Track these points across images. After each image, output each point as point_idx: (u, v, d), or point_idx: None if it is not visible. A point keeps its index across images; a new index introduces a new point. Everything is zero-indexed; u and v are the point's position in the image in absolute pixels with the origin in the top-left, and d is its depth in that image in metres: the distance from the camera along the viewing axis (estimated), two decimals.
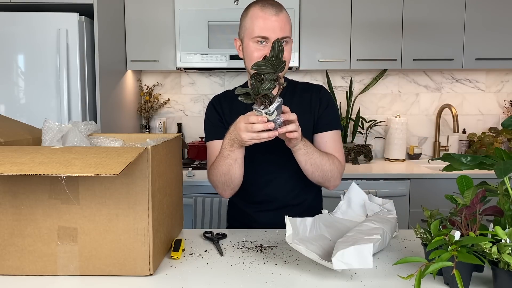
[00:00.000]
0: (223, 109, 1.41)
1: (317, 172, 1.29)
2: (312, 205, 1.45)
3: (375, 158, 2.93)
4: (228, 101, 1.43)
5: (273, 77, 1.04)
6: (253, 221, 1.41)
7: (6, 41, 2.12)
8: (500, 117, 2.96)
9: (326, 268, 0.97)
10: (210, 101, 1.46)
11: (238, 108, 1.34)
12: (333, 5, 2.57)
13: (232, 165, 1.26)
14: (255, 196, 1.42)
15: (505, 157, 0.95)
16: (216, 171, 1.31)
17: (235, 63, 2.52)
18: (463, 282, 0.81)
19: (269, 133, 1.09)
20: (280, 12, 1.27)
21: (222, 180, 1.31)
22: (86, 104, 2.22)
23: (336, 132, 1.40)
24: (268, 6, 1.26)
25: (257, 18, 1.26)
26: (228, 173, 1.28)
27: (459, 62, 2.59)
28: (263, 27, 1.25)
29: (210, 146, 1.42)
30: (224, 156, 1.25)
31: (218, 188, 1.36)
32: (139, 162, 0.92)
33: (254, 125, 1.08)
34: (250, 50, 1.29)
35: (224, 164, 1.27)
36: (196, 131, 2.98)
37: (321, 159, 1.28)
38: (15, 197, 0.94)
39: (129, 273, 0.94)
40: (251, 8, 1.30)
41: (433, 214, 0.97)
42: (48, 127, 1.13)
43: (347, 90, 2.88)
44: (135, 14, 2.58)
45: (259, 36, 1.26)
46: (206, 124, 1.45)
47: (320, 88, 1.44)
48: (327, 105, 1.40)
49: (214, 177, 1.33)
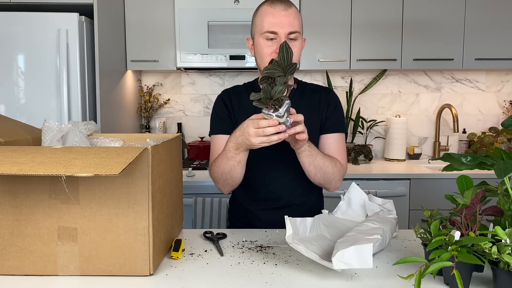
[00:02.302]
0: (232, 104, 1.43)
1: (319, 174, 1.31)
2: (314, 205, 1.47)
3: (375, 158, 2.93)
4: (238, 96, 1.44)
5: (284, 79, 1.04)
6: (256, 219, 1.42)
7: (6, 41, 2.12)
8: (500, 117, 2.96)
9: (326, 268, 0.97)
10: (219, 95, 1.47)
11: (247, 104, 1.35)
12: (333, 5, 2.57)
13: (235, 166, 1.27)
14: (260, 194, 1.43)
15: (505, 157, 0.95)
16: (217, 169, 1.32)
17: (235, 63, 2.53)
18: (463, 282, 0.81)
19: (279, 136, 1.09)
20: (289, 7, 1.29)
21: (223, 178, 1.33)
22: (86, 104, 2.22)
23: (341, 135, 1.43)
24: (277, 2, 1.29)
25: (266, 14, 1.29)
26: (229, 173, 1.30)
27: (459, 62, 2.59)
28: (272, 22, 1.27)
29: (215, 140, 1.42)
30: (228, 157, 1.26)
31: (218, 184, 1.38)
32: (139, 162, 0.92)
33: (265, 129, 1.08)
34: (260, 46, 1.31)
35: (227, 165, 1.28)
36: (196, 131, 2.98)
37: (324, 161, 1.29)
38: (15, 197, 0.94)
39: (129, 273, 0.94)
40: (261, 6, 1.33)
41: (433, 214, 0.97)
42: (48, 127, 1.13)
43: (347, 90, 2.88)
44: (135, 14, 2.58)
45: (268, 31, 1.28)
46: (213, 117, 1.45)
47: (329, 90, 1.47)
48: (335, 107, 1.43)
49: (215, 173, 1.34)
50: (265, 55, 1.29)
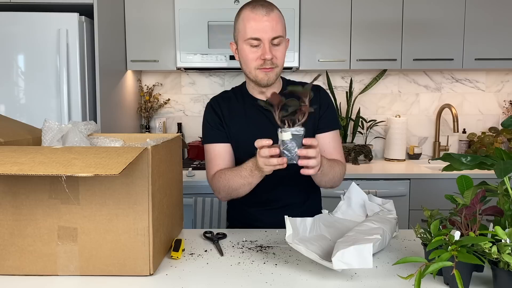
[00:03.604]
0: (222, 111, 1.41)
1: (330, 183, 1.33)
2: (313, 204, 1.47)
3: (375, 158, 2.93)
4: (227, 102, 1.43)
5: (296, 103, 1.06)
6: (255, 220, 1.42)
7: (6, 41, 2.12)
8: (500, 117, 2.96)
9: (326, 268, 0.97)
10: (208, 103, 1.46)
11: (238, 109, 1.35)
12: (333, 5, 2.57)
13: (245, 186, 1.26)
14: (260, 197, 1.41)
15: (505, 157, 0.95)
16: (225, 182, 1.30)
17: (235, 63, 2.52)
18: (463, 282, 0.80)
19: (278, 160, 1.07)
20: (271, 12, 1.27)
21: (228, 191, 1.31)
22: (86, 104, 2.22)
23: (336, 132, 1.43)
24: (258, 7, 1.27)
25: (248, 20, 1.28)
26: (236, 190, 1.29)
27: (459, 62, 2.59)
28: (255, 28, 1.26)
29: (209, 150, 1.41)
30: (242, 176, 1.24)
31: (219, 194, 1.36)
32: (139, 162, 0.92)
33: (270, 160, 1.08)
34: (245, 53, 1.30)
35: (237, 183, 1.26)
36: (196, 131, 2.98)
37: (330, 170, 1.26)
38: (15, 197, 0.94)
39: (129, 273, 0.94)
40: (243, 11, 1.31)
41: (433, 214, 0.97)
42: (48, 127, 1.13)
43: (347, 90, 2.88)
44: (135, 14, 2.58)
45: (251, 37, 1.27)
46: (205, 126, 1.44)
47: (319, 88, 1.44)
48: (327, 106, 1.42)
49: (220, 184, 1.32)
50: (250, 61, 1.30)
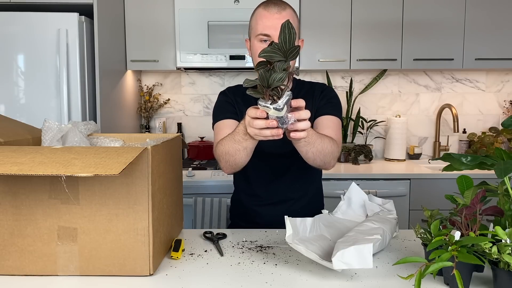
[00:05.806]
0: (235, 98, 1.44)
1: (318, 158, 1.23)
2: (314, 201, 1.48)
3: (375, 158, 2.93)
4: (241, 91, 1.45)
5: (284, 65, 0.89)
6: (256, 216, 1.44)
7: (6, 41, 2.12)
8: (500, 117, 2.96)
9: (326, 268, 0.97)
10: (222, 91, 1.49)
11: (250, 98, 1.31)
12: (333, 5, 2.57)
13: (240, 151, 1.21)
14: (257, 191, 1.44)
15: (505, 157, 0.95)
16: (222, 148, 1.25)
17: (235, 63, 2.52)
18: (463, 282, 0.80)
19: (272, 131, 0.97)
20: (283, 10, 1.30)
21: (226, 158, 1.26)
22: (86, 104, 2.22)
23: (336, 118, 1.39)
24: (271, 5, 1.31)
25: (260, 17, 1.31)
26: (233, 156, 1.23)
27: (459, 62, 2.59)
28: (266, 25, 1.29)
29: (220, 126, 1.39)
30: (235, 140, 1.19)
31: (221, 163, 1.31)
32: (139, 162, 0.92)
33: (255, 121, 0.99)
34: (255, 48, 1.32)
35: (232, 147, 1.21)
36: (196, 131, 2.98)
37: (322, 144, 1.20)
38: (15, 197, 0.94)
39: (129, 273, 0.94)
40: (257, 9, 1.35)
41: (433, 214, 0.97)
42: (48, 127, 1.13)
43: (347, 90, 2.88)
44: (135, 14, 2.58)
45: (261, 33, 1.30)
46: (217, 108, 1.45)
47: (325, 85, 1.50)
48: (329, 97, 1.43)
49: (219, 152, 1.28)
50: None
